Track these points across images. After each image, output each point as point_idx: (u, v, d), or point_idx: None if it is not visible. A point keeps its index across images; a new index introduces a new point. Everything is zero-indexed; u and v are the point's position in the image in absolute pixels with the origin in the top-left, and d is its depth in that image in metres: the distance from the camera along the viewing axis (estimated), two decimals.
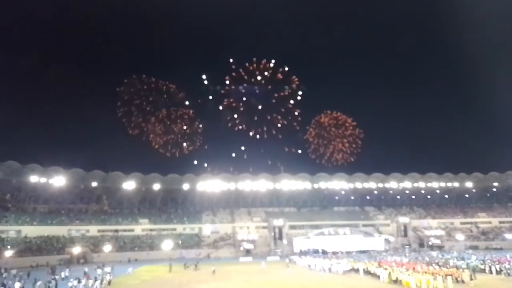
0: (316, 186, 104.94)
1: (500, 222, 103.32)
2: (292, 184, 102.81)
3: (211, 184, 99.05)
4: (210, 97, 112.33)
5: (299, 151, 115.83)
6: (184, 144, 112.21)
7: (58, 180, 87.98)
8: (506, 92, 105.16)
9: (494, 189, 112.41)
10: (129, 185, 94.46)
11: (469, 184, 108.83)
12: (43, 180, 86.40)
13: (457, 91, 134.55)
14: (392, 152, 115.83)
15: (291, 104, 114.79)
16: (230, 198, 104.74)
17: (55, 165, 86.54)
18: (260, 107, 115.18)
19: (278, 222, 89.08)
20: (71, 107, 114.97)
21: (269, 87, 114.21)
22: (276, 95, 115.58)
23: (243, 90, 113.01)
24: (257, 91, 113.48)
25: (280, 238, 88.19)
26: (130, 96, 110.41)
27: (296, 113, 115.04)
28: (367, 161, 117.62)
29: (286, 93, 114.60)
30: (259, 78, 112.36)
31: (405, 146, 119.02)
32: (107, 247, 78.54)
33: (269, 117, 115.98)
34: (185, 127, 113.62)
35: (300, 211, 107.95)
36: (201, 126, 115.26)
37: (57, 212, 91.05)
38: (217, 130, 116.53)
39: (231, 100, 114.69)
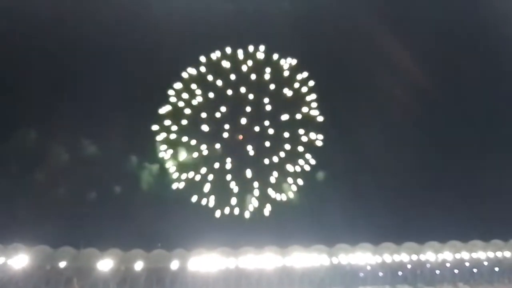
0: (335, 260, 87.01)
1: None
2: (306, 258, 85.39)
3: (206, 261, 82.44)
4: None
5: None
6: None
7: (19, 260, 74.15)
8: None
9: None
10: (106, 264, 78.73)
11: None
12: (1, 260, 73.05)
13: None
14: (425, 215, 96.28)
15: None
16: (229, 277, 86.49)
17: (16, 241, 73.65)
18: None
19: None
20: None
21: None
22: None
23: None
24: None
25: None
26: None
27: None
28: (396, 227, 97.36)
29: None
30: None
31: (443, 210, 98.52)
32: None
33: None
34: None
35: None
36: None
37: None
38: None
39: None
